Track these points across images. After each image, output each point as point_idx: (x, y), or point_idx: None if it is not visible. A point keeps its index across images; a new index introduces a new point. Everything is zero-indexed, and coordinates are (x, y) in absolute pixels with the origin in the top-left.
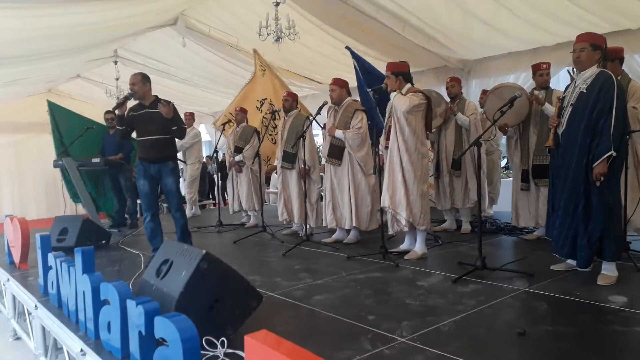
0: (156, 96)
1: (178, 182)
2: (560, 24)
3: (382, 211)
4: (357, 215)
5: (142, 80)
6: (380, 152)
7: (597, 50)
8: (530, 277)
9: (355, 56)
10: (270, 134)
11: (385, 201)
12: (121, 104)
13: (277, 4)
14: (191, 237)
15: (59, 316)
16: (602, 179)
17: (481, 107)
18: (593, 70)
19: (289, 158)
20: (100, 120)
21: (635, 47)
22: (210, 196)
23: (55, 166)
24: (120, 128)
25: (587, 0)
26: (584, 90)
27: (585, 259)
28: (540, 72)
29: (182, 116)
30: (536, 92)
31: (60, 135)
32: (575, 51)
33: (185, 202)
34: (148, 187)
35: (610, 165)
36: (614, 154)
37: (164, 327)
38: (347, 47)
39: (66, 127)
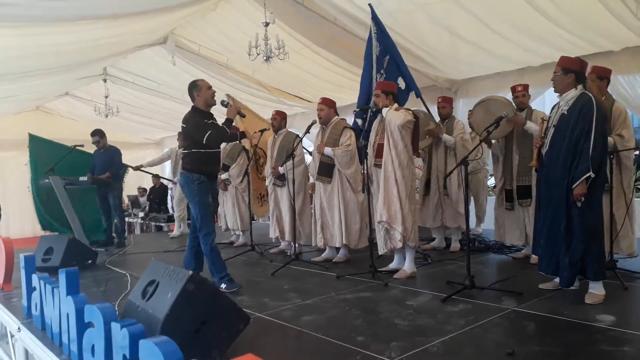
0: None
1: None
2: (545, 46)
3: (371, 229)
4: (346, 232)
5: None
6: (366, 171)
7: (568, 73)
8: (518, 296)
9: (374, 17)
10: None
11: (382, 216)
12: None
13: (267, 25)
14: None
15: (42, 339)
16: (583, 199)
17: (470, 127)
18: (574, 93)
19: (281, 176)
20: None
21: (618, 68)
22: None
23: (41, 185)
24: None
25: (570, 22)
26: (565, 112)
27: (567, 279)
28: (516, 95)
29: (176, 135)
30: (518, 114)
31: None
32: (553, 75)
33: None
34: (212, 201)
35: (590, 186)
36: (593, 175)
37: (148, 350)
38: (370, 5)
39: (47, 157)
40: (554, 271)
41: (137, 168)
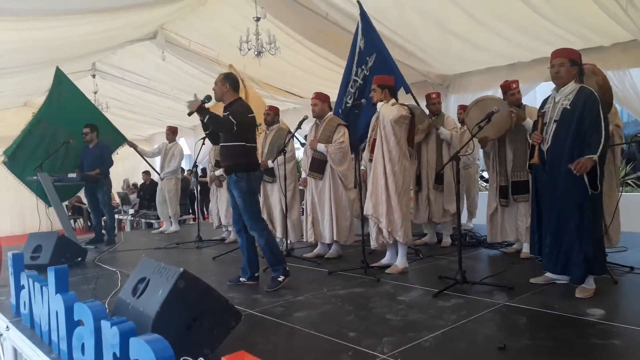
0: (238, 98)
1: (247, 197)
2: (536, 41)
3: (363, 224)
4: (337, 229)
5: (221, 80)
6: (362, 167)
7: (575, 65)
8: (509, 291)
9: (363, 13)
10: None
11: (368, 209)
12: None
13: (258, 19)
14: (283, 263)
15: (31, 337)
16: (581, 170)
17: (459, 123)
18: (573, 86)
19: (270, 172)
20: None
21: (608, 64)
22: (190, 211)
23: (29, 182)
24: (206, 133)
25: (561, 17)
26: (568, 107)
27: (581, 276)
28: (512, 92)
29: (164, 130)
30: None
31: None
32: (554, 67)
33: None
34: (231, 199)
35: (592, 179)
36: (596, 157)
37: (139, 348)
38: (358, 2)
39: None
40: (562, 270)
41: (133, 145)
